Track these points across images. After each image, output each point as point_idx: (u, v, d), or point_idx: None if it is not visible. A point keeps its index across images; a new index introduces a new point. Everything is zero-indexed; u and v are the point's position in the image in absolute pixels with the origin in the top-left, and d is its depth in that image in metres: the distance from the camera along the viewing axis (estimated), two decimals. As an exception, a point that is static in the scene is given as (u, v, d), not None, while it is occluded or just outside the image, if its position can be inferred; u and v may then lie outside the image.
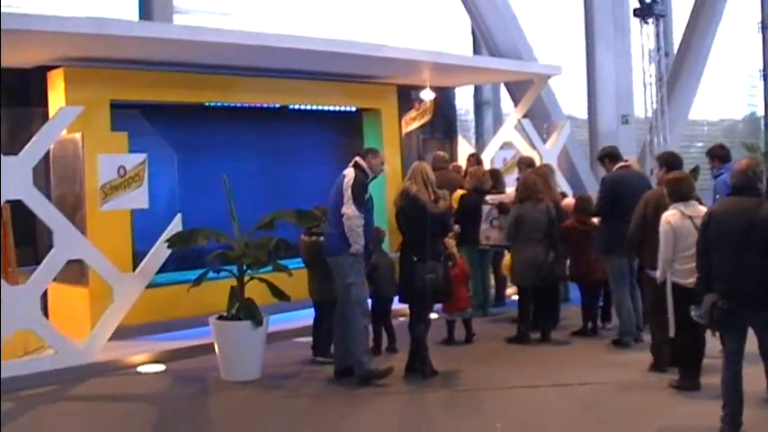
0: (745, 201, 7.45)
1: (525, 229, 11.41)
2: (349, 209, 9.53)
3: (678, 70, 23.36)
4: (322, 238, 10.22)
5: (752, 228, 7.27)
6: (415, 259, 9.67)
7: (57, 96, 11.77)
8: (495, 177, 13.63)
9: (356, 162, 9.91)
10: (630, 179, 10.93)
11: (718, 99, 29.50)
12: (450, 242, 10.99)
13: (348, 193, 9.57)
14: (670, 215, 8.81)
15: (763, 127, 31.11)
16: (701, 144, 30.31)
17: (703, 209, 8.61)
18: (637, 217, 9.85)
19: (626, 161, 11.59)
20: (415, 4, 19.94)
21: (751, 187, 7.52)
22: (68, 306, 11.66)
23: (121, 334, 11.10)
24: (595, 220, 11.57)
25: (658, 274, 8.98)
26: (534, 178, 11.73)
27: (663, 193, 9.33)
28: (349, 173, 9.75)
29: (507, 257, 12.13)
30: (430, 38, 18.84)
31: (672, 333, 9.05)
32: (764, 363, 7.46)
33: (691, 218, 8.67)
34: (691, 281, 8.37)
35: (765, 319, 7.33)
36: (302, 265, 10.97)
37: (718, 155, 11.52)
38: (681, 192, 8.92)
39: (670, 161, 10.48)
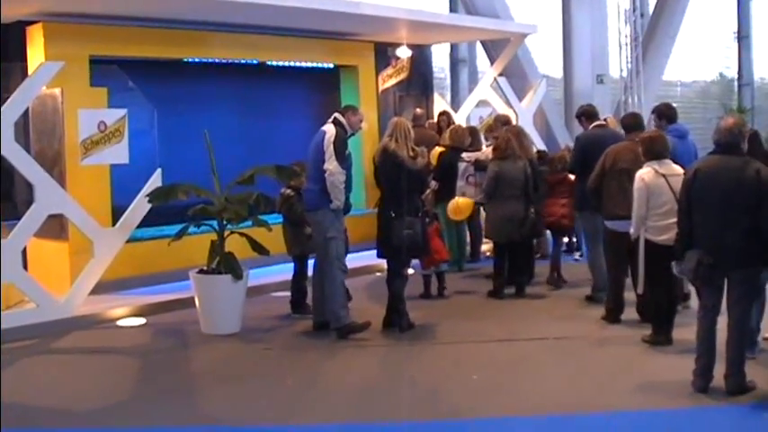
0: (732, 160, 7.49)
1: (504, 186, 11.54)
2: (331, 164, 9.62)
3: (653, 30, 23.45)
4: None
5: (739, 187, 7.37)
6: (393, 215, 9.78)
7: (36, 52, 11.76)
8: (472, 135, 13.72)
9: (336, 119, 10.00)
10: (604, 138, 10.96)
11: (692, 60, 29.64)
12: (428, 198, 11.11)
13: (330, 150, 9.65)
14: (644, 173, 8.94)
15: (736, 88, 31.28)
16: (675, 104, 30.49)
17: (677, 167, 8.78)
18: (597, 167, 10.11)
19: (603, 120, 11.71)
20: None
21: (737, 146, 7.57)
22: (48, 261, 11.68)
23: (102, 288, 11.19)
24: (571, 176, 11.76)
25: (632, 230, 9.13)
26: (510, 136, 11.83)
27: (625, 148, 9.55)
28: (329, 129, 9.83)
29: (455, 200, 12.39)
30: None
31: (640, 289, 9.26)
32: (730, 317, 7.58)
33: (664, 176, 8.80)
34: (662, 238, 8.60)
35: (744, 276, 7.50)
36: (282, 219, 11.09)
37: (666, 114, 11.19)
38: (655, 150, 9.04)
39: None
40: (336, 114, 10.09)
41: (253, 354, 9.46)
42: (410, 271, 10.91)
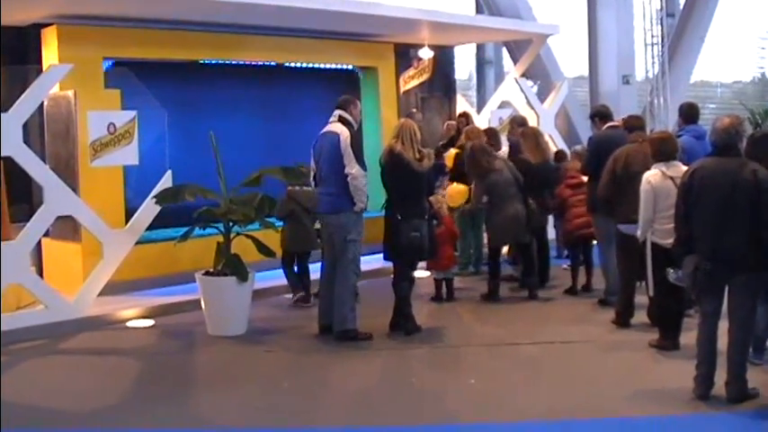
0: (729, 161, 7.33)
1: (499, 190, 11.48)
2: (354, 168, 9.57)
3: (682, 31, 23.25)
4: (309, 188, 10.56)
5: (736, 189, 7.19)
6: (400, 218, 9.72)
7: (50, 54, 11.82)
8: (492, 136, 13.57)
9: (342, 117, 9.92)
10: (618, 139, 10.77)
11: (732, 61, 29.40)
12: (437, 200, 11.03)
13: (349, 152, 9.59)
14: (651, 175, 8.82)
15: (772, 89, 31.04)
16: (713, 105, 30.28)
17: (685, 169, 8.62)
18: (606, 173, 9.94)
19: (616, 121, 11.58)
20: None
21: (733, 146, 7.41)
22: (62, 262, 11.76)
23: (113, 289, 11.19)
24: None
25: (639, 233, 9.01)
26: (478, 148, 11.85)
27: (634, 150, 9.40)
28: (342, 131, 9.73)
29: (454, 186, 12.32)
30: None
31: (651, 292, 9.14)
32: (731, 323, 7.42)
33: (672, 178, 8.63)
34: (670, 241, 8.35)
35: (744, 281, 7.30)
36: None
37: (685, 113, 11.15)
38: (664, 151, 8.90)
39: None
40: (340, 112, 9.97)
41: (256, 356, 9.43)
42: (424, 274, 10.85)
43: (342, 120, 9.91)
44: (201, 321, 10.34)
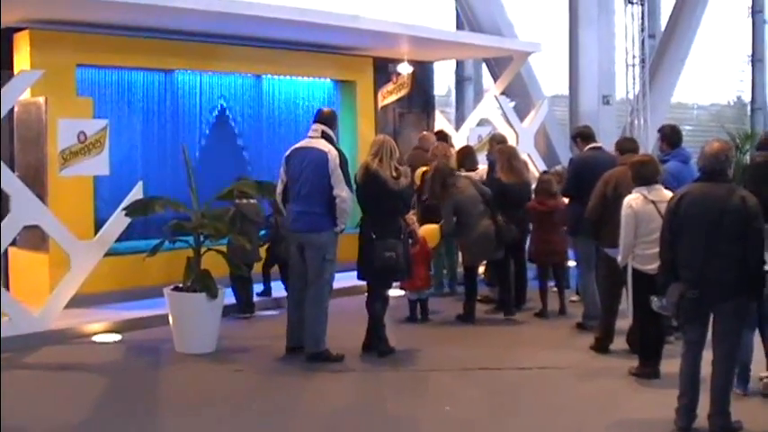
0: (717, 187, 7.15)
1: (465, 211, 11.28)
2: (343, 191, 9.34)
3: (663, 52, 23.19)
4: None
5: (724, 216, 7.01)
6: (374, 236, 9.52)
7: (22, 59, 11.60)
8: (467, 155, 13.35)
9: (326, 133, 9.62)
10: (600, 160, 10.65)
11: (709, 83, 29.43)
12: (412, 219, 10.80)
13: (338, 173, 9.34)
14: (632, 199, 8.63)
15: (749, 112, 30.95)
16: (689, 127, 30.27)
17: (668, 193, 8.42)
18: (596, 196, 9.72)
19: (597, 143, 11.41)
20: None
21: (722, 172, 7.22)
22: (29, 272, 11.52)
23: (80, 302, 10.93)
24: (566, 200, 11.47)
25: (619, 258, 8.83)
26: (439, 169, 11.74)
27: (624, 173, 9.20)
28: (330, 150, 9.43)
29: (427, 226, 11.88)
30: (415, 12, 18.68)
31: (631, 318, 8.98)
32: (715, 353, 7.22)
33: (654, 202, 8.47)
34: (651, 267, 8.21)
35: (729, 309, 7.10)
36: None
37: (667, 136, 10.88)
38: (645, 175, 8.71)
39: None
40: (324, 128, 9.64)
41: (223, 376, 9.19)
42: (398, 293, 10.68)
43: (325, 135, 9.61)
44: (170, 338, 10.10)
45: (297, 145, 9.73)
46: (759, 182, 7.88)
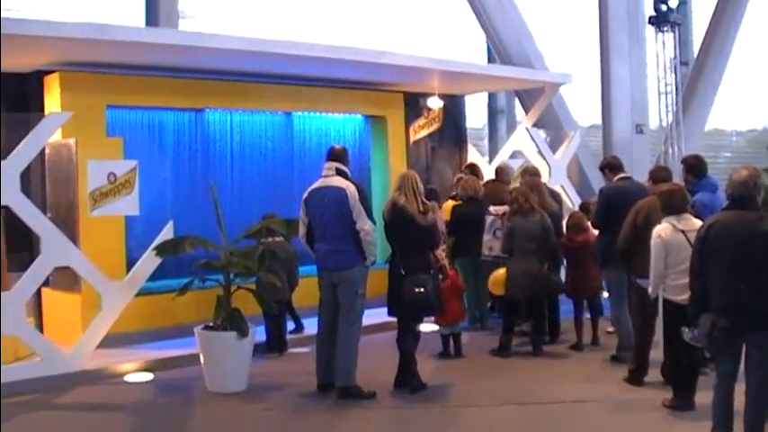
0: (746, 215, 7.07)
1: (519, 242, 11.21)
2: (366, 224, 9.41)
3: (695, 79, 23.10)
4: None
5: (753, 243, 6.92)
6: (404, 272, 9.47)
7: (53, 101, 11.70)
8: (493, 190, 13.36)
9: (340, 170, 9.68)
10: (629, 191, 10.61)
11: (746, 109, 29.24)
12: (441, 254, 10.74)
13: (359, 208, 9.40)
14: (662, 229, 8.55)
15: (785, 138, 30.74)
16: (728, 154, 30.06)
17: (698, 222, 8.33)
18: (627, 225, 9.63)
19: (626, 173, 11.33)
20: (434, 15, 19.86)
21: (751, 199, 7.15)
22: (62, 313, 11.57)
23: (112, 342, 10.95)
24: (596, 232, 11.39)
25: (650, 290, 8.74)
26: (521, 191, 11.60)
27: (655, 202, 9.09)
28: (348, 186, 9.51)
29: (496, 273, 11.75)
30: (447, 46, 18.73)
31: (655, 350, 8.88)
32: (748, 383, 7.10)
33: (683, 232, 8.39)
34: (683, 297, 8.07)
35: (761, 338, 6.98)
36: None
37: (693, 167, 10.82)
38: (674, 204, 8.65)
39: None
40: (337, 165, 9.72)
41: (253, 414, 9.15)
42: (432, 328, 10.68)
43: (340, 172, 9.66)
44: (201, 376, 10.08)
45: (314, 186, 9.78)
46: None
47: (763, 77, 28.87)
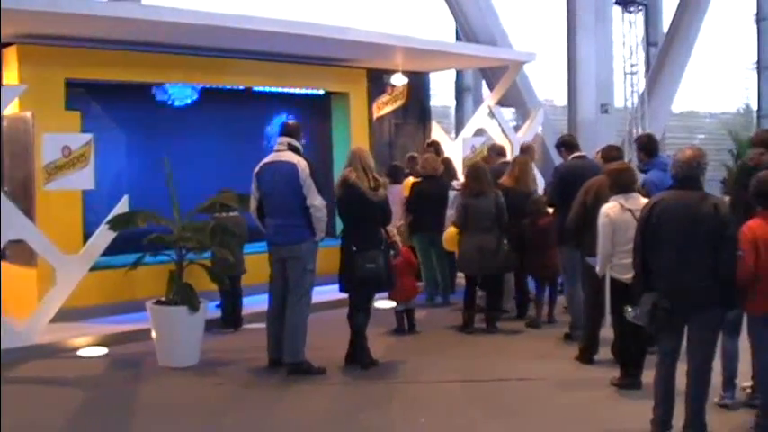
0: (689, 195, 7.07)
1: (473, 218, 11.26)
2: (317, 200, 9.41)
3: (663, 60, 23.17)
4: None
5: (696, 223, 6.94)
6: (355, 249, 9.50)
7: (11, 74, 11.63)
8: (446, 165, 13.43)
9: (292, 145, 9.67)
10: (584, 169, 10.61)
11: (720, 91, 29.37)
12: (393, 230, 10.76)
13: (310, 183, 9.39)
14: (609, 208, 8.60)
15: (755, 120, 30.84)
16: (702, 136, 30.22)
17: (645, 201, 8.36)
18: (577, 204, 9.68)
19: (581, 152, 11.37)
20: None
21: (695, 179, 7.14)
22: (18, 287, 11.45)
23: (67, 316, 10.95)
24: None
25: (597, 268, 8.79)
26: (479, 169, 11.64)
27: (605, 182, 9.14)
28: (299, 161, 9.49)
29: (450, 229, 11.81)
30: (418, 25, 18.74)
31: (606, 328, 8.93)
32: (690, 363, 7.15)
33: (631, 211, 8.43)
34: (628, 276, 8.08)
35: (703, 318, 7.03)
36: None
37: (645, 146, 10.76)
38: (621, 183, 8.71)
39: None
40: (290, 140, 9.70)
41: (203, 389, 9.16)
42: (388, 304, 10.78)
43: (292, 148, 9.65)
44: (154, 351, 10.09)
45: (265, 160, 9.76)
46: (740, 186, 7.82)
47: (736, 60, 28.94)
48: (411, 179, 13.14)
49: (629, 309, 7.51)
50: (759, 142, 8.54)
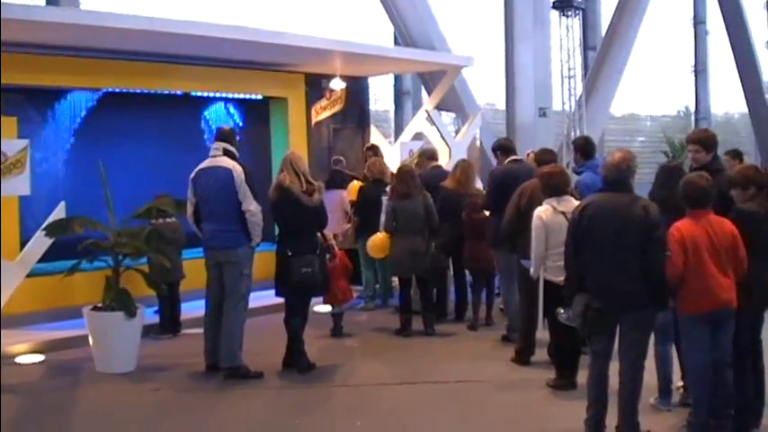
0: (619, 197, 7.17)
1: (402, 221, 11.35)
2: (252, 205, 9.43)
3: (600, 64, 23.43)
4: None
5: (626, 225, 7.03)
6: (290, 253, 9.54)
7: (-57, 78, 11.48)
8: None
9: (228, 150, 9.69)
10: (519, 173, 10.68)
11: (660, 94, 29.73)
12: (329, 234, 10.78)
13: (244, 188, 9.43)
14: (542, 210, 8.71)
15: (693, 123, 31.27)
16: (642, 138, 30.58)
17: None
18: (511, 208, 9.78)
19: (517, 156, 11.48)
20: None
21: (624, 182, 7.25)
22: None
23: (5, 323, 10.74)
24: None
25: (531, 270, 8.89)
26: (406, 172, 11.78)
27: (538, 185, 9.23)
28: (234, 167, 9.51)
29: (374, 236, 11.86)
30: (355, 29, 18.77)
31: (540, 330, 9.02)
32: (622, 364, 7.25)
33: (563, 213, 8.49)
34: (562, 278, 8.15)
35: (634, 320, 7.13)
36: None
37: (581, 148, 10.95)
38: (553, 186, 8.82)
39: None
40: (225, 145, 9.71)
41: (139, 395, 9.15)
42: (325, 309, 10.87)
43: (227, 153, 9.67)
44: (91, 357, 10.05)
45: (201, 165, 9.77)
46: (669, 187, 7.93)
47: (676, 63, 29.36)
48: (356, 183, 13.21)
49: (562, 310, 7.62)
50: (695, 140, 8.67)
